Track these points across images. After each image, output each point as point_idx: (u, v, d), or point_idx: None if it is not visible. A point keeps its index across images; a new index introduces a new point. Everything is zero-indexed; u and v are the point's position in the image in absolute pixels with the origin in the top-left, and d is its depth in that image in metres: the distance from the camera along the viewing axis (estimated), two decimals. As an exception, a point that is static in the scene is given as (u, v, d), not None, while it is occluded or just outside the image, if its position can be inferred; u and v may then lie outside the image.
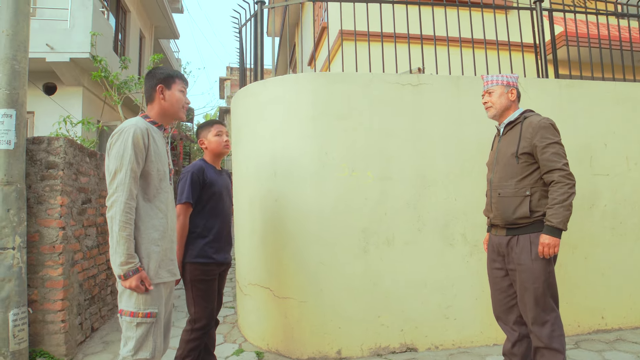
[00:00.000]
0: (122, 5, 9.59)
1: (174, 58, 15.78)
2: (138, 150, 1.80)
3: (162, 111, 2.02)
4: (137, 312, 1.74)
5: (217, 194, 2.55)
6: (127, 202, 1.73)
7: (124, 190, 1.73)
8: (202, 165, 2.56)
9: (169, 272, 1.90)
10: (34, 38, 6.50)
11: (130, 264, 1.71)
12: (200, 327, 2.43)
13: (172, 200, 2.02)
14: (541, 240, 2.21)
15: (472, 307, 3.23)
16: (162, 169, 1.92)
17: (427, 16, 3.90)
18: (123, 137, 1.80)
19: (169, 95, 2.01)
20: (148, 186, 1.86)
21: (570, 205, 2.21)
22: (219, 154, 2.66)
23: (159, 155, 1.91)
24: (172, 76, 2.03)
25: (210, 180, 2.52)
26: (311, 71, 9.40)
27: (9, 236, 2.82)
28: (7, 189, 2.82)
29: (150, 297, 1.78)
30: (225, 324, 3.91)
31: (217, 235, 2.52)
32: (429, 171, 3.26)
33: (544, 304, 2.27)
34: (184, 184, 2.45)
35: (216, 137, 2.61)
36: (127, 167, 1.75)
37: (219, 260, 2.51)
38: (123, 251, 1.70)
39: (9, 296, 2.80)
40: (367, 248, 3.15)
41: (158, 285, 1.83)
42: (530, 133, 2.33)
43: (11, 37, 2.89)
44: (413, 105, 3.29)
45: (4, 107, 2.84)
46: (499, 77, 2.52)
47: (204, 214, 2.49)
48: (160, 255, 1.85)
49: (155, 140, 1.91)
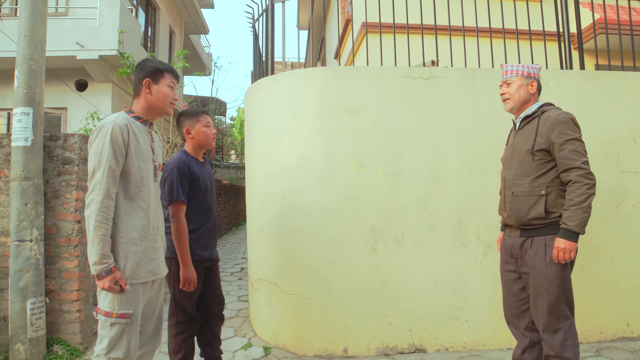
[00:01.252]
0: (152, 2, 9.82)
1: (204, 53, 16.04)
2: (117, 147, 1.76)
3: (147, 106, 1.96)
4: (111, 312, 1.72)
5: (202, 188, 2.47)
6: (104, 201, 1.70)
7: (101, 189, 1.70)
8: (186, 159, 2.44)
9: (149, 272, 1.86)
10: (65, 36, 6.81)
11: (104, 264, 1.69)
12: (182, 321, 2.42)
13: (155, 197, 1.96)
14: (556, 245, 2.08)
15: (484, 309, 3.12)
16: (143, 166, 1.87)
17: (442, 6, 3.75)
18: (101, 134, 1.76)
19: (156, 90, 1.94)
20: (128, 184, 1.82)
21: (589, 207, 2.05)
22: (205, 146, 2.56)
23: (140, 152, 1.86)
24: (161, 70, 1.96)
25: (196, 175, 2.43)
26: (335, 64, 9.33)
27: (26, 229, 2.95)
28: (25, 184, 2.94)
29: (126, 298, 1.75)
30: (238, 318, 3.96)
31: (204, 231, 2.48)
32: (441, 168, 3.16)
33: (557, 311, 2.14)
34: (171, 181, 2.33)
35: (205, 129, 2.52)
36: (104, 165, 1.72)
37: (204, 256, 2.46)
38: (97, 251, 1.68)
39: (26, 286, 2.93)
40: (375, 246, 3.09)
41: (135, 286, 1.79)
42: (548, 128, 2.18)
43: (28, 38, 2.99)
44: (425, 100, 3.19)
45: (21, 106, 2.95)
46: (520, 67, 2.35)
47: (190, 210, 2.41)
48: (139, 255, 1.81)
49: (137, 136, 1.86)
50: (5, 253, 3.12)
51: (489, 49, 3.58)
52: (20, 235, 2.93)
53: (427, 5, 3.70)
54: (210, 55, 17.45)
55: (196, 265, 2.40)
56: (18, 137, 2.93)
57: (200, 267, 2.45)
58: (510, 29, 3.68)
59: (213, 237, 2.59)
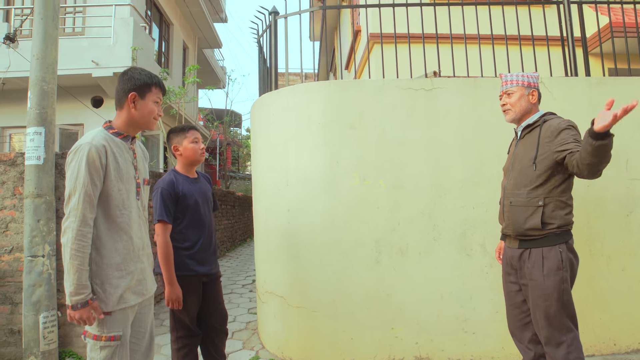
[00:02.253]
0: (165, 19, 10.07)
1: (218, 66, 16.32)
2: (94, 171, 1.66)
3: (130, 121, 1.84)
4: (101, 336, 1.69)
5: (192, 205, 2.46)
6: (80, 229, 1.62)
7: (77, 217, 1.62)
8: (172, 179, 2.45)
9: (136, 294, 1.81)
10: (81, 55, 7.03)
11: (80, 294, 1.61)
12: (182, 336, 2.45)
13: (138, 216, 1.88)
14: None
15: (492, 321, 3.07)
16: (123, 187, 1.78)
17: (450, 16, 3.76)
18: (77, 157, 1.67)
19: (142, 105, 1.83)
20: (109, 207, 1.73)
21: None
22: (194, 162, 2.56)
23: (120, 173, 1.77)
24: (149, 84, 1.84)
25: (183, 193, 2.43)
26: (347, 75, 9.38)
27: (39, 245, 3.04)
28: (38, 201, 3.04)
29: (115, 320, 1.72)
30: (247, 330, 3.99)
31: (200, 247, 2.48)
32: (444, 179, 3.15)
33: (558, 324, 2.10)
34: (156, 202, 2.36)
35: (192, 145, 2.51)
36: (80, 190, 1.64)
37: (201, 272, 2.47)
38: (73, 281, 1.60)
39: (39, 300, 3.01)
40: (379, 258, 3.09)
41: (124, 309, 1.76)
42: (549, 137, 2.14)
43: (41, 60, 3.12)
44: (427, 111, 3.19)
45: (34, 126, 3.07)
46: (519, 77, 2.32)
47: (183, 227, 2.44)
48: (124, 281, 1.76)
49: (116, 156, 1.76)
50: (19, 268, 3.23)
51: (491, 57, 3.56)
52: (33, 250, 3.03)
53: (428, 15, 3.72)
54: (224, 69, 17.74)
55: (192, 281, 2.43)
56: (31, 155, 3.04)
57: (197, 283, 2.47)
58: (512, 35, 3.67)
59: (211, 252, 2.59)
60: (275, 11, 3.61)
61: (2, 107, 7.92)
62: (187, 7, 11.20)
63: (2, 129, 8.16)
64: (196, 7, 11.36)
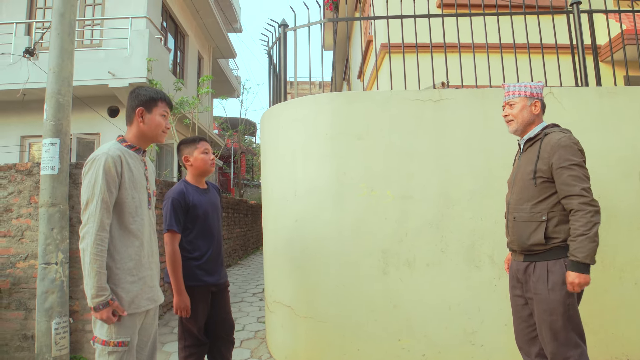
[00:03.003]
0: (181, 30, 10.28)
1: (232, 76, 16.54)
2: (110, 179, 1.77)
3: (140, 134, 1.96)
4: (109, 341, 1.75)
5: (201, 216, 2.51)
6: (98, 234, 1.71)
7: (95, 222, 1.72)
8: (183, 189, 2.49)
9: (147, 300, 1.89)
10: (99, 66, 7.21)
11: (101, 296, 1.70)
12: (190, 345, 2.48)
13: (150, 225, 1.98)
14: (569, 280, 2.00)
15: (501, 334, 3.03)
16: (137, 196, 1.89)
17: (458, 26, 3.77)
18: (95, 166, 1.77)
19: (149, 119, 1.95)
20: (123, 214, 1.83)
21: (595, 235, 1.97)
22: (205, 173, 2.61)
23: (133, 182, 1.88)
24: (155, 99, 1.96)
25: (193, 203, 2.48)
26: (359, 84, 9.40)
27: (52, 252, 3.12)
28: (52, 210, 3.13)
29: (124, 326, 1.78)
30: (255, 339, 4.00)
31: (209, 257, 2.51)
32: (452, 190, 3.14)
33: (565, 339, 2.07)
34: (166, 211, 2.41)
35: (202, 155, 2.57)
36: (97, 197, 1.74)
37: (210, 282, 2.50)
38: (93, 284, 1.69)
39: (52, 307, 3.08)
40: (387, 269, 3.09)
41: (133, 315, 1.82)
42: (548, 152, 2.13)
43: (57, 73, 3.22)
44: (434, 122, 3.20)
45: (49, 137, 3.16)
46: (522, 88, 2.30)
47: (192, 237, 2.48)
48: (136, 286, 1.84)
49: (130, 166, 1.87)
50: (34, 275, 3.31)
51: (500, 66, 3.55)
52: (46, 258, 3.10)
53: (436, 25, 3.74)
54: (238, 78, 17.97)
55: (201, 291, 2.47)
56: (46, 166, 3.13)
57: (205, 293, 2.50)
58: (521, 44, 3.66)
59: (219, 262, 2.62)
60: (284, 24, 3.67)
61: (22, 117, 8.16)
62: (201, 19, 11.41)
63: (22, 138, 8.39)
64: (211, 19, 11.57)
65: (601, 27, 5.48)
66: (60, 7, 3.29)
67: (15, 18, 8.11)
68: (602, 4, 3.89)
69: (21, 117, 8.16)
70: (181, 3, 10.39)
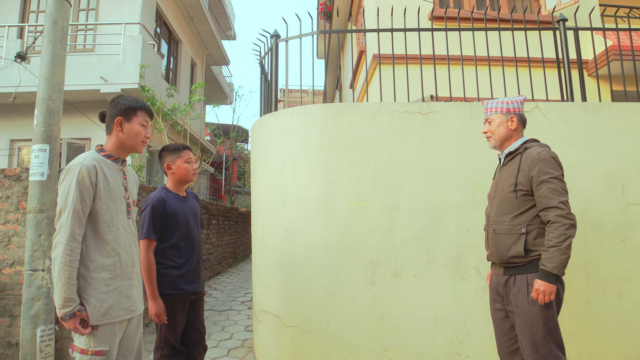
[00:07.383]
0: (174, 36, 10.29)
1: (225, 83, 16.57)
2: (84, 189, 1.76)
3: (119, 144, 1.95)
4: (87, 350, 1.74)
5: (182, 224, 2.50)
6: (69, 244, 1.70)
7: (66, 232, 1.70)
8: (163, 196, 2.48)
9: (123, 310, 1.85)
10: (91, 71, 7.20)
11: (68, 307, 1.68)
12: (167, 354, 2.46)
13: (127, 235, 1.94)
14: (535, 286, 2.05)
15: (486, 345, 3.06)
16: (113, 205, 1.87)
17: (447, 41, 3.84)
18: (69, 176, 1.77)
19: (128, 128, 1.93)
20: (98, 224, 1.81)
21: (568, 248, 2.02)
22: (186, 181, 2.62)
23: (110, 191, 1.86)
24: (135, 108, 1.95)
25: (173, 211, 2.47)
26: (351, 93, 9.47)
27: (39, 259, 3.10)
28: (40, 216, 3.11)
29: (101, 336, 1.77)
30: (243, 348, 3.99)
31: (189, 266, 2.51)
32: (439, 202, 3.18)
33: (545, 351, 2.10)
34: (144, 218, 2.39)
35: (185, 165, 2.58)
36: (70, 207, 1.72)
37: (189, 290, 2.49)
38: (61, 294, 1.67)
39: (37, 314, 3.05)
40: (374, 280, 3.11)
41: (111, 325, 1.80)
42: (528, 166, 2.18)
43: (48, 79, 3.22)
44: (423, 135, 3.24)
45: (39, 143, 3.15)
46: (498, 104, 2.36)
47: (172, 245, 2.47)
48: (111, 296, 1.81)
49: (106, 176, 1.86)
50: (20, 281, 3.28)
51: (488, 79, 3.62)
52: (33, 264, 3.08)
53: (426, 39, 3.80)
54: (231, 85, 17.99)
55: (181, 300, 2.46)
56: (35, 172, 3.12)
57: (185, 302, 2.50)
58: (509, 57, 3.73)
59: (199, 270, 2.62)
60: (276, 34, 3.71)
61: (12, 121, 8.10)
62: (195, 26, 11.45)
63: (11, 142, 8.33)
64: (205, 25, 11.61)
65: (587, 42, 5.60)
66: (53, 13, 3.29)
67: (8, 21, 8.08)
68: (587, 21, 3.98)
69: (11, 120, 8.11)
70: (175, 10, 10.42)
